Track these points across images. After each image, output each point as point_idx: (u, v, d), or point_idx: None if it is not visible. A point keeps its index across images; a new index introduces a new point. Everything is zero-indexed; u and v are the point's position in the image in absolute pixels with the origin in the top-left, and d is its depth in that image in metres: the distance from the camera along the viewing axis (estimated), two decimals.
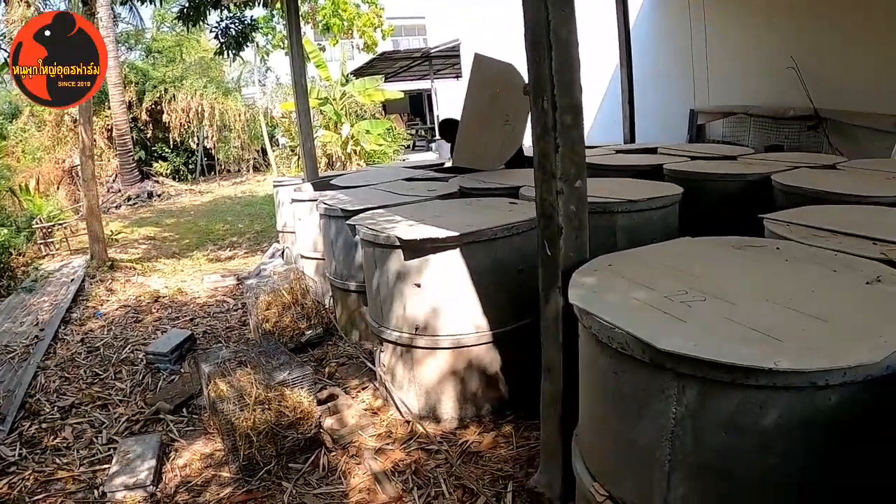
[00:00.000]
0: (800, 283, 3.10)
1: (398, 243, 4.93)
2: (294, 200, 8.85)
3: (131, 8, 22.53)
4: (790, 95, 10.88)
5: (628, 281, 3.19)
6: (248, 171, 31.37)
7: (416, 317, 5.03)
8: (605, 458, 3.03)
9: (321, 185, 9.27)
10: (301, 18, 29.08)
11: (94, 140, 24.86)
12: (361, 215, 5.91)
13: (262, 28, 19.60)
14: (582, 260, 3.56)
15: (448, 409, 5.13)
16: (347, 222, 5.93)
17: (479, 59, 8.55)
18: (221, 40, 14.05)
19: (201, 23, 13.39)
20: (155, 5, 12.99)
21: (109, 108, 25.87)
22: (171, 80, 28.94)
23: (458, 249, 4.83)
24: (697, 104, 13.20)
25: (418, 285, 4.94)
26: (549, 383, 3.79)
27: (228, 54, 14.53)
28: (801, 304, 2.78)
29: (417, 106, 42.51)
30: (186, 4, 12.82)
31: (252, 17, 14.53)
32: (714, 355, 2.35)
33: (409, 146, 31.07)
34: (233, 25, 14.03)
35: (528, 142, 8.56)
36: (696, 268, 3.37)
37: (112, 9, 24.54)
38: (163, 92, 28.42)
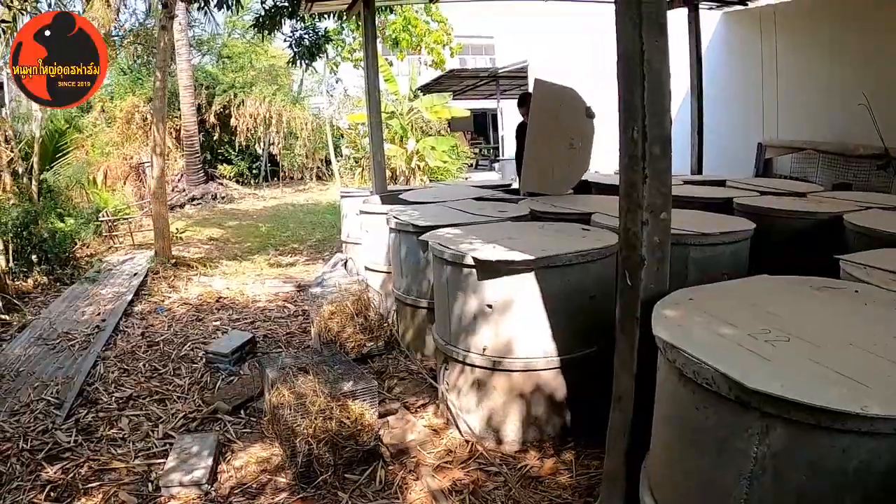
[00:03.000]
0: (881, 328, 3.02)
1: (473, 263, 4.91)
2: (362, 212, 8.84)
3: (206, 13, 22.87)
4: (860, 133, 10.71)
5: (711, 317, 3.13)
6: (312, 179, 31.53)
7: (485, 338, 5.00)
8: (676, 492, 2.98)
9: (389, 198, 9.27)
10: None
11: (164, 140, 25.30)
12: (434, 232, 5.91)
13: (333, 40, 19.73)
14: (662, 292, 3.51)
15: (510, 431, 5.07)
16: (420, 238, 5.94)
17: (539, 83, 8.57)
18: (295, 50, 14.18)
19: (276, 32, 13.53)
20: (231, 11, 13.10)
21: (179, 109, 26.21)
22: (240, 85, 29.23)
23: (532, 273, 4.80)
24: (766, 137, 13.07)
25: (490, 307, 4.91)
26: (619, 413, 3.74)
27: (301, 64, 14.67)
28: (884, 349, 2.70)
29: (481, 125, 42.48)
30: (262, 13, 12.95)
31: (325, 28, 14.65)
32: (801, 397, 2.31)
33: (472, 165, 31.05)
34: (306, 36, 14.16)
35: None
36: (777, 307, 3.29)
37: (188, 12, 24.86)
38: (232, 97, 28.74)
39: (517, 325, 4.90)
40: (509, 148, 28.88)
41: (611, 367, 4.50)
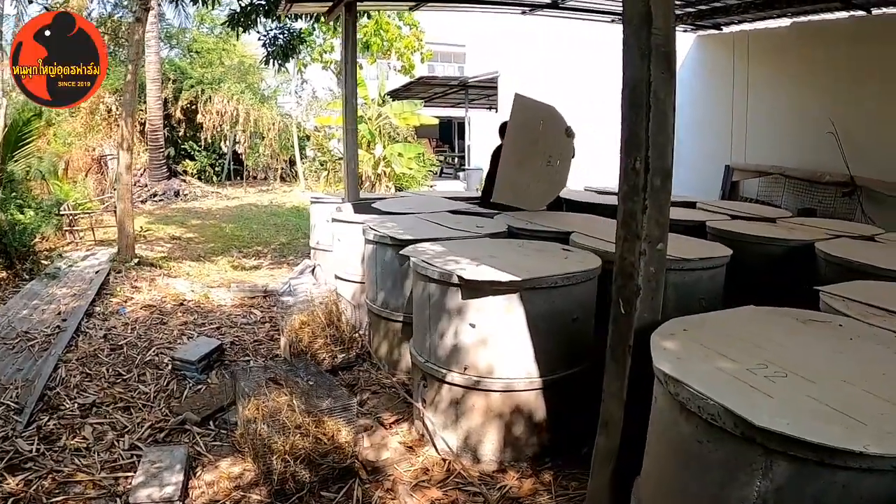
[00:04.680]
0: (869, 364, 3.14)
1: (457, 282, 4.86)
2: (336, 220, 8.74)
3: (177, 5, 22.69)
4: (827, 160, 10.94)
5: (707, 349, 3.16)
6: (276, 180, 31.29)
7: (467, 357, 4.96)
8: None
9: (362, 206, 9.19)
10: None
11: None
12: (415, 247, 5.85)
13: (306, 41, 19.66)
14: (655, 321, 3.54)
15: (489, 451, 5.03)
16: (401, 253, 5.86)
17: (519, 99, 8.56)
18: (269, 49, 14.09)
19: (250, 30, 13.42)
20: (207, 6, 12.99)
21: (145, 102, 25.89)
22: (209, 81, 28.97)
23: (517, 294, 4.76)
24: (733, 160, 13.21)
25: (473, 326, 4.87)
26: (605, 438, 3.76)
27: (274, 64, 14.57)
28: (875, 386, 2.81)
29: (446, 133, 42.48)
30: (238, 10, 12.83)
31: (299, 29, 14.57)
32: (805, 434, 2.37)
33: (437, 173, 31.02)
34: (281, 36, 14.07)
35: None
36: (768, 340, 3.35)
37: (159, 4, 24.62)
38: (199, 92, 28.45)
39: (499, 345, 4.87)
40: (475, 157, 28.93)
41: (590, 390, 4.57)
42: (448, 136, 43.12)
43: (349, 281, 8.47)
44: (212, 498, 4.73)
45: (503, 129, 8.55)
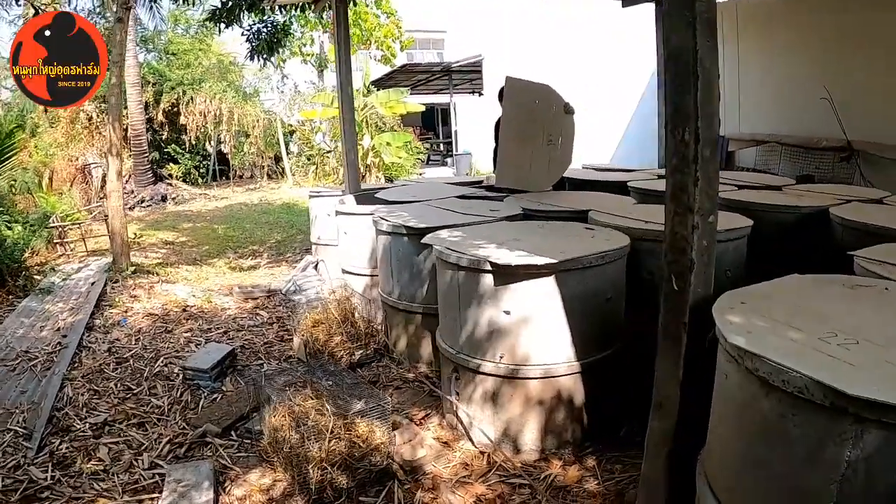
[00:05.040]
0: None
1: (489, 268, 4.70)
2: (340, 213, 8.59)
3: (151, 7, 22.42)
4: (822, 126, 10.93)
5: (773, 321, 3.05)
6: (263, 177, 31.07)
7: (502, 345, 4.81)
8: (751, 499, 2.90)
9: (364, 198, 9.01)
10: (321, 26, 29.16)
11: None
12: (435, 235, 5.70)
13: (290, 33, 19.48)
14: (708, 295, 3.42)
15: (529, 440, 4.90)
16: (423, 241, 5.70)
17: (511, 81, 8.47)
18: (253, 44, 13.87)
19: (233, 25, 13.21)
20: (187, 4, 12.77)
21: (126, 107, 25.61)
22: (189, 82, 28.72)
23: (552, 277, 4.61)
24: (728, 131, 13.14)
25: (507, 313, 4.70)
26: (660, 420, 3.65)
27: (259, 58, 14.36)
28: None
29: (429, 120, 42.28)
30: (219, 5, 12.59)
31: (284, 21, 14.35)
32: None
33: (424, 160, 30.87)
34: (265, 30, 13.86)
35: None
36: (825, 308, 3.28)
37: (134, 7, 24.42)
38: (181, 94, 28.20)
39: (536, 331, 4.73)
40: (463, 142, 28.79)
41: (626, 370, 4.66)
42: (431, 124, 42.94)
43: (358, 274, 8.36)
44: None
45: (502, 94, 8.38)
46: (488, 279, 4.74)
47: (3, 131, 14.80)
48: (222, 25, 12.92)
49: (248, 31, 13.86)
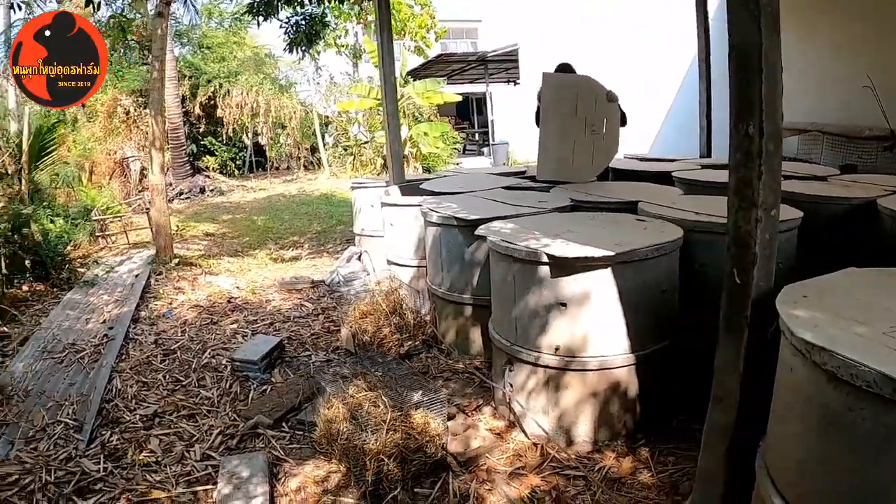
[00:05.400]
0: None
1: (546, 260, 4.68)
2: (386, 204, 8.60)
3: (185, 2, 22.56)
4: (866, 114, 10.70)
5: (837, 315, 3.01)
6: (299, 169, 31.21)
7: (558, 337, 4.79)
8: (816, 492, 2.88)
9: (409, 189, 9.01)
10: (356, 18, 29.22)
11: (147, 133, 24.96)
12: (488, 226, 5.69)
13: (328, 25, 19.49)
14: (769, 289, 3.40)
15: (583, 432, 4.89)
16: (476, 233, 5.69)
17: (547, 77, 8.47)
18: (291, 36, 13.91)
19: (271, 18, 13.25)
20: None
21: (163, 101, 25.88)
22: (225, 75, 28.87)
23: (609, 269, 4.60)
24: None
25: (564, 304, 4.69)
26: (720, 412, 3.63)
27: (298, 51, 14.39)
28: None
29: (464, 110, 42.26)
30: None
31: (321, 13, 14.37)
32: None
33: (460, 150, 30.85)
34: (303, 22, 13.88)
35: None
36: (886, 302, 3.22)
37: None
38: (217, 87, 28.38)
39: (592, 323, 4.71)
40: (500, 132, 28.74)
41: (678, 362, 4.67)
42: (466, 113, 42.93)
43: (404, 266, 8.36)
44: None
45: (561, 69, 8.43)
46: (545, 271, 4.73)
47: (43, 126, 14.95)
48: (260, 18, 12.96)
49: (286, 23, 13.89)
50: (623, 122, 8.37)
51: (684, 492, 4.22)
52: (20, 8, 12.75)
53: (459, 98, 27.31)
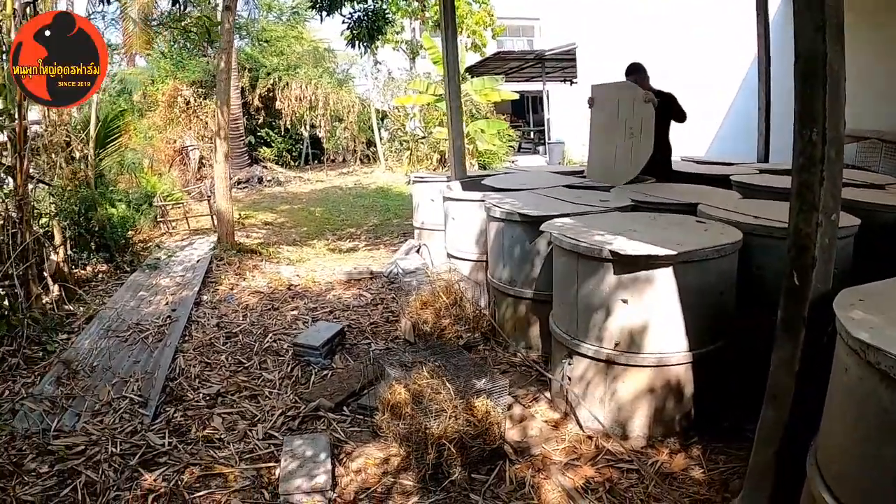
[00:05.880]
0: None
1: (609, 256, 4.79)
2: (448, 199, 8.73)
3: None
4: None
5: (890, 318, 3.08)
6: (355, 162, 31.46)
7: (618, 332, 4.89)
8: (868, 488, 2.94)
9: (470, 184, 9.13)
10: (412, 13, 29.36)
11: (206, 123, 25.33)
12: (552, 223, 5.80)
13: (391, 21, 19.59)
14: (827, 292, 3.47)
15: (637, 427, 4.98)
16: (541, 228, 5.79)
17: (595, 88, 9.01)
18: (354, 32, 14.05)
19: (334, 13, 13.40)
20: None
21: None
22: (284, 68, 29.20)
23: (671, 268, 4.68)
24: None
25: (625, 300, 4.79)
26: (773, 411, 3.72)
27: (359, 46, 14.54)
28: None
29: (519, 108, 42.16)
30: None
31: (384, 9, 14.50)
32: None
33: (516, 148, 30.84)
34: (365, 18, 14.02)
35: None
36: None
37: None
38: (276, 79, 28.71)
39: (652, 320, 4.80)
40: (555, 131, 28.72)
41: (733, 363, 4.75)
42: (521, 111, 42.81)
43: (464, 259, 8.48)
44: (362, 486, 4.69)
45: (630, 70, 8.62)
46: (608, 268, 4.82)
47: (110, 114, 15.26)
48: (323, 13, 13.12)
49: (348, 18, 14.04)
50: (681, 118, 8.56)
51: (734, 489, 4.28)
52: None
53: (516, 96, 27.31)
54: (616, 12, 19.88)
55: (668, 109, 8.35)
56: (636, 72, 8.52)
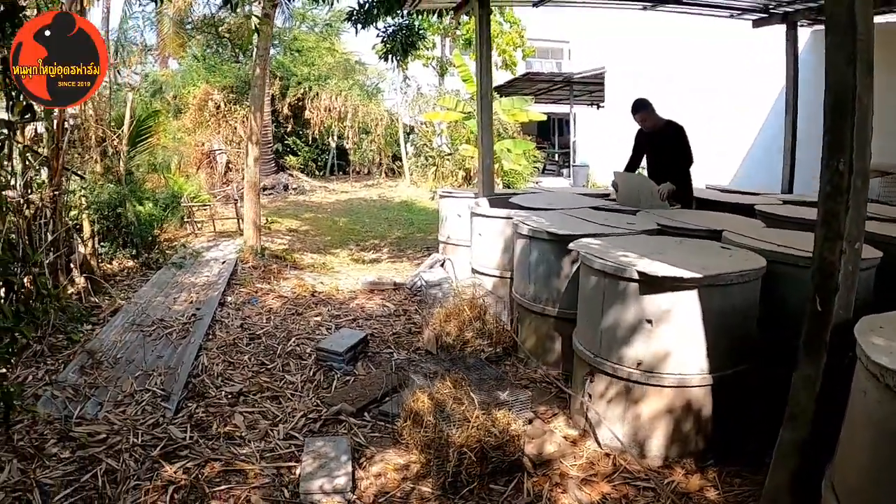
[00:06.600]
0: None
1: (635, 277, 4.85)
2: (476, 215, 8.81)
3: (281, 6, 23.03)
4: None
5: None
6: (381, 175, 31.62)
7: (641, 351, 4.94)
8: None
9: (497, 202, 9.20)
10: (443, 30, 29.50)
11: (235, 128, 25.50)
12: (579, 242, 5.86)
13: (425, 38, 19.70)
14: (848, 318, 3.58)
15: (655, 446, 5.02)
16: (569, 247, 5.86)
17: (617, 174, 9.32)
18: (388, 46, 14.16)
19: (369, 26, 13.51)
20: (325, 2, 13.19)
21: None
22: (314, 78, 29.40)
23: (695, 291, 4.73)
24: None
25: (650, 321, 4.85)
26: (792, 432, 3.81)
27: (392, 60, 14.65)
28: None
29: (544, 129, 42.22)
30: (357, 6, 12.92)
31: (418, 25, 14.60)
32: None
33: (540, 169, 30.89)
34: (399, 32, 14.12)
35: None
36: None
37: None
38: (307, 89, 28.93)
39: (675, 341, 4.85)
40: (581, 154, 28.78)
41: (752, 387, 4.81)
42: (546, 133, 42.87)
43: (489, 275, 8.55)
44: (381, 489, 4.75)
45: (636, 107, 8.61)
46: (634, 287, 4.88)
47: (143, 113, 15.44)
48: (359, 26, 13.24)
49: (383, 32, 14.15)
50: (688, 162, 8.67)
51: None
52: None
53: (545, 117, 27.38)
54: (645, 40, 19.92)
55: (681, 142, 8.47)
56: (643, 108, 8.58)
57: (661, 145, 8.61)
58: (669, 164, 8.47)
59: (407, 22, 14.17)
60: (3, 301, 5.02)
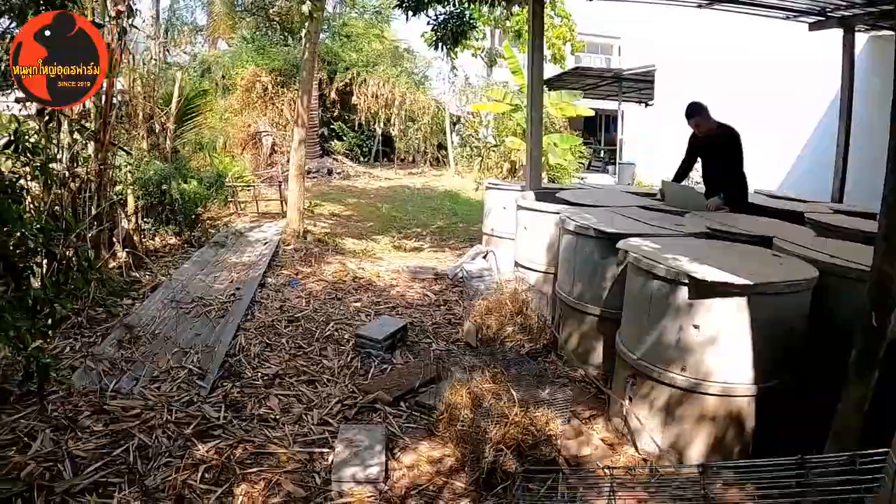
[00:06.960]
0: None
1: (685, 280, 4.76)
2: (523, 208, 8.72)
3: None
4: None
5: None
6: (425, 163, 31.59)
7: (687, 357, 4.85)
8: None
9: (544, 196, 9.09)
10: (493, 21, 29.38)
11: (281, 111, 25.56)
12: (628, 241, 5.75)
13: (476, 27, 19.60)
14: None
15: (694, 454, 4.93)
16: (617, 246, 5.73)
17: (665, 183, 9.44)
18: (439, 34, 14.07)
19: (420, 13, 13.44)
20: None
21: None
22: (363, 64, 29.42)
23: (745, 298, 4.63)
24: None
25: (697, 326, 4.75)
26: (838, 445, 3.75)
27: (442, 48, 14.56)
28: None
29: (591, 125, 41.96)
30: None
31: (469, 14, 14.49)
32: None
33: (586, 165, 30.70)
34: (450, 21, 14.03)
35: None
36: None
37: None
38: (355, 75, 28.95)
39: (722, 348, 4.75)
40: (627, 152, 28.57)
41: (796, 400, 4.69)
42: (593, 129, 42.63)
43: (532, 270, 8.45)
44: (413, 481, 4.72)
45: (690, 111, 8.44)
46: (683, 291, 4.79)
47: (191, 92, 15.51)
48: (409, 13, 13.17)
49: (433, 20, 14.07)
50: (738, 166, 8.53)
51: None
52: None
53: (592, 112, 27.19)
54: (698, 39, 19.68)
55: (734, 149, 8.29)
56: (697, 113, 8.39)
57: (715, 151, 8.45)
58: (722, 171, 8.34)
59: (458, 10, 14.06)
60: (44, 272, 5.02)
